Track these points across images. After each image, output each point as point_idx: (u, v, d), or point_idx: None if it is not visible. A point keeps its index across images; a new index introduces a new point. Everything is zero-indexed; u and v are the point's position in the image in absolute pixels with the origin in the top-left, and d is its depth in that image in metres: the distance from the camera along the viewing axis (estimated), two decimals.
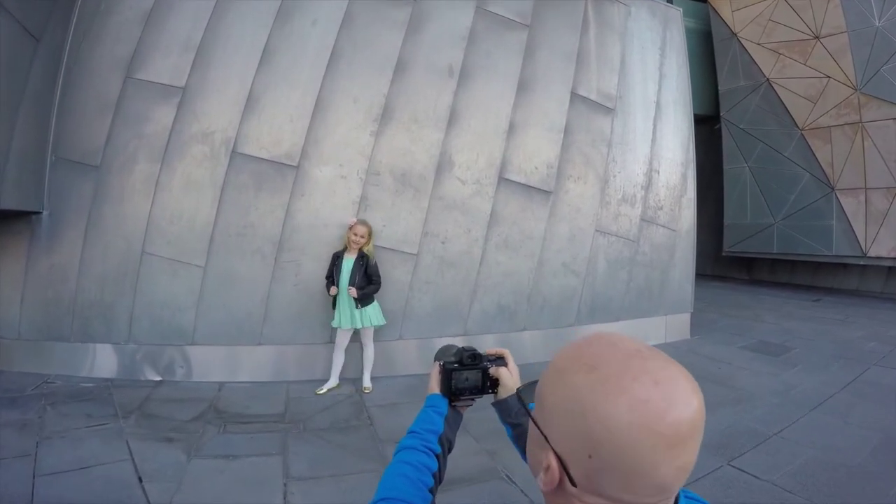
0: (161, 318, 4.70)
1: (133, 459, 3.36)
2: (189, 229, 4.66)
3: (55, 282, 4.90)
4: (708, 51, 10.96)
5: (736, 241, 10.80)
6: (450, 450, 1.03)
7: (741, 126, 10.33)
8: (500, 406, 1.08)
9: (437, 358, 1.17)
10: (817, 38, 9.35)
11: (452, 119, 5.04)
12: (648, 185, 6.18)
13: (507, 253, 5.24)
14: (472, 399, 1.10)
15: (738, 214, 10.66)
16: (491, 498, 3.00)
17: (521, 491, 3.07)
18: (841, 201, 9.29)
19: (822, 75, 9.34)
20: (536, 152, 5.38)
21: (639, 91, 6.20)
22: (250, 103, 4.71)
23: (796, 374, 5.16)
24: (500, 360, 1.11)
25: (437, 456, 0.96)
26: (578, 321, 5.71)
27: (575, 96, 5.66)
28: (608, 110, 5.90)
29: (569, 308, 5.64)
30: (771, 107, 9.88)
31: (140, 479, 3.12)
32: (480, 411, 1.31)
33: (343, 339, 4.55)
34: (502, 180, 5.21)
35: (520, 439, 1.00)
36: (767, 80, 9.86)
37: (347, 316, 4.40)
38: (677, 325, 6.60)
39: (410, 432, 1.00)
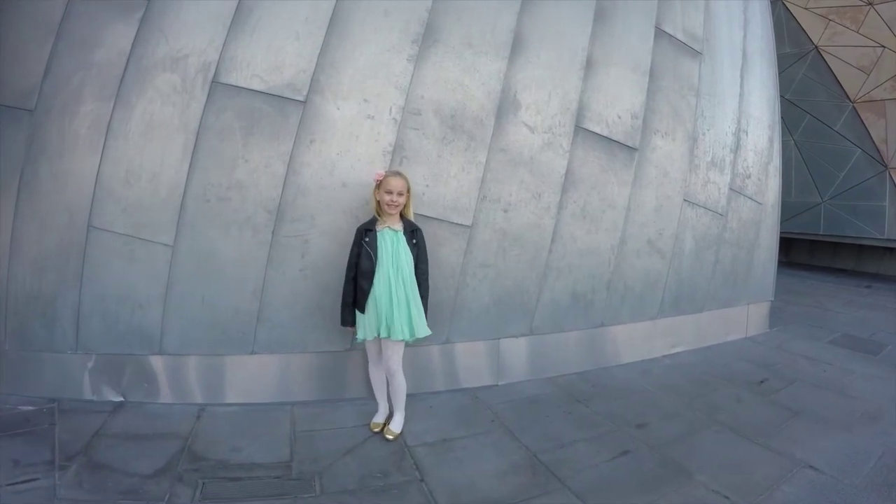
0: (117, 316, 2.99)
1: None
2: (151, 193, 2.93)
3: None
4: None
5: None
6: None
7: (786, 96, 8.59)
8: None
9: None
10: (870, 4, 7.64)
11: (516, 46, 3.30)
12: (737, 148, 4.50)
13: (584, 225, 3.53)
14: None
15: (782, 191, 8.94)
16: None
17: None
18: (895, 181, 7.65)
19: (875, 44, 7.68)
20: (618, 97, 3.66)
21: (724, 34, 4.49)
22: (240, 16, 2.96)
23: None
24: None
25: None
26: (661, 313, 4.04)
27: (659, 32, 3.94)
28: (695, 53, 4.18)
29: (652, 297, 3.97)
30: (819, 77, 8.17)
31: None
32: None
33: (377, 351, 2.77)
34: (579, 130, 3.49)
35: None
36: (816, 47, 8.13)
37: (392, 319, 2.57)
38: (757, 315, 4.99)
39: None
